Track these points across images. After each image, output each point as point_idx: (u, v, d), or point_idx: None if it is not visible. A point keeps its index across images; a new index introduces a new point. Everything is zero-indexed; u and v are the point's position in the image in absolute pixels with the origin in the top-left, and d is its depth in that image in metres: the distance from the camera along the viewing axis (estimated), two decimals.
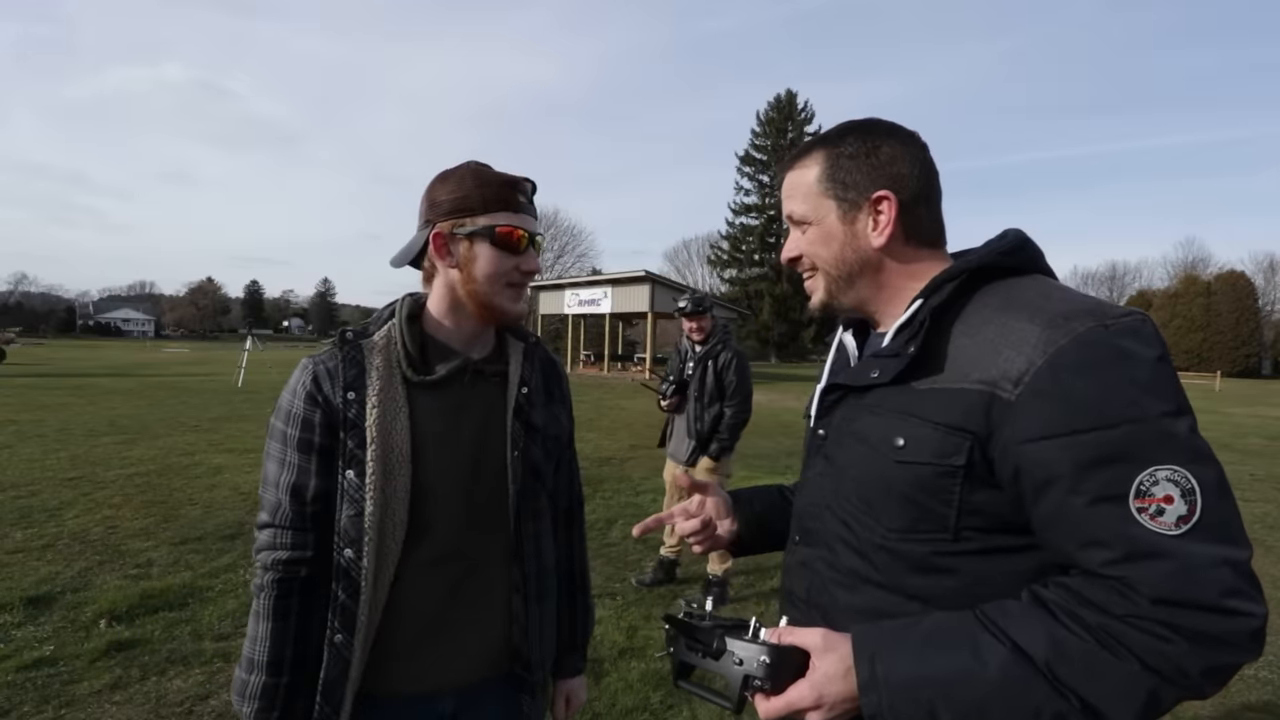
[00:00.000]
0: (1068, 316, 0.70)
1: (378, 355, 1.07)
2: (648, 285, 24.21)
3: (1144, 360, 0.67)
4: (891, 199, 0.84)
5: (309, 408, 1.05)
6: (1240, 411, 17.77)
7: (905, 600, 0.79)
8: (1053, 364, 0.68)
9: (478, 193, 1.05)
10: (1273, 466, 8.83)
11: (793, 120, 51.19)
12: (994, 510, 0.74)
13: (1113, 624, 0.64)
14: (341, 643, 1.03)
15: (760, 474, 7.32)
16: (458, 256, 1.07)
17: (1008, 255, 0.81)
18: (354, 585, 1.03)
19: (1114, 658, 0.63)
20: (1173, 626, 0.62)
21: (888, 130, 0.87)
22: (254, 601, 1.05)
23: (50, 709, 2.53)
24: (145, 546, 4.31)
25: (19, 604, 3.36)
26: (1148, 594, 0.63)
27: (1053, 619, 0.67)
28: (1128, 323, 0.69)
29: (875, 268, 0.87)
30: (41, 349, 38.57)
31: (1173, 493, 0.64)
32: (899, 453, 0.78)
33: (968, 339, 0.76)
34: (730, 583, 3.98)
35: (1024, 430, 0.69)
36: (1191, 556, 0.62)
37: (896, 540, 0.79)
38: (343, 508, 1.03)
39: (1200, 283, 48.80)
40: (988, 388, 0.71)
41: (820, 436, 0.92)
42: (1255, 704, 2.87)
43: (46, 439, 7.97)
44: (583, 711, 2.64)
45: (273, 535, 1.05)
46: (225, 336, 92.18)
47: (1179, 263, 62.66)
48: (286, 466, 1.05)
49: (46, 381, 16.03)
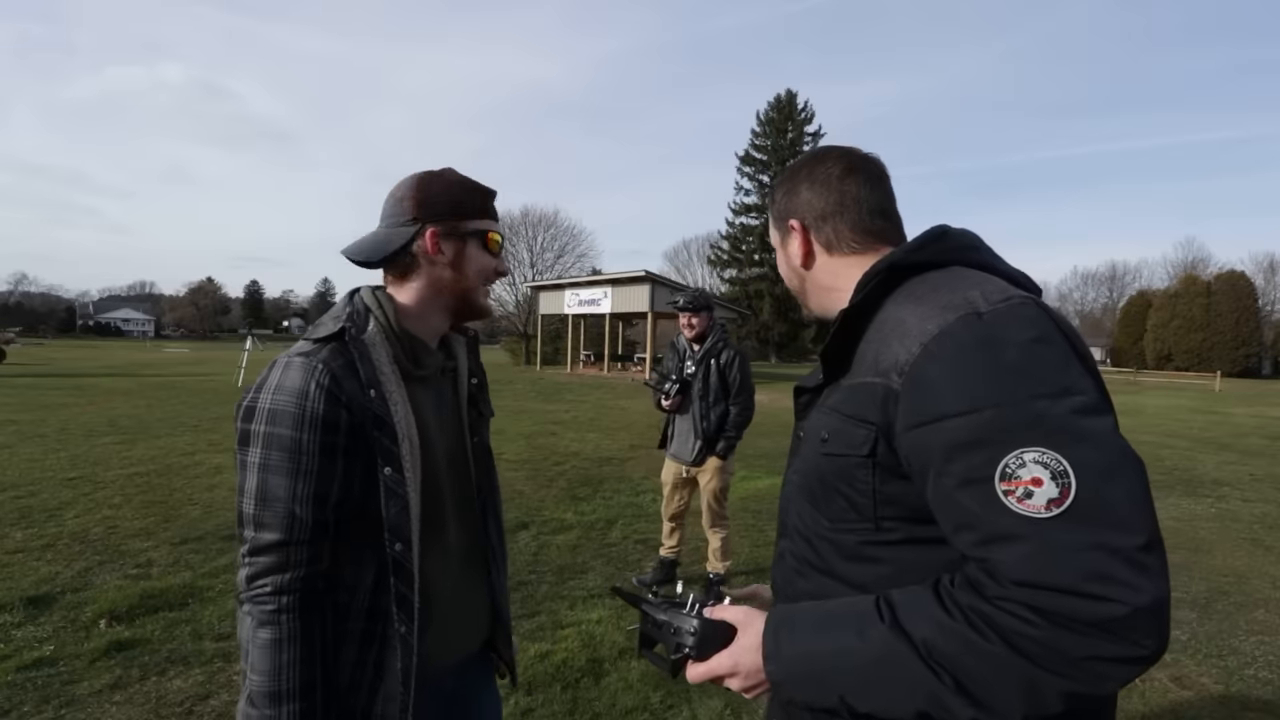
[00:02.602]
0: (944, 307, 0.73)
1: (379, 350, 1.06)
2: (648, 285, 24.19)
3: (1014, 344, 0.68)
4: (797, 225, 0.97)
5: (331, 409, 0.98)
6: (1240, 411, 17.76)
7: (847, 588, 0.83)
8: (926, 352, 0.71)
9: (469, 198, 1.14)
10: (1273, 466, 8.83)
11: (793, 120, 51.09)
12: (909, 501, 0.76)
13: (982, 605, 0.65)
14: (406, 632, 1.04)
15: (760, 473, 7.33)
16: (450, 255, 1.12)
17: (916, 251, 0.85)
18: (409, 576, 1.05)
19: (982, 639, 0.64)
20: (1035, 609, 0.62)
21: (804, 162, 0.99)
22: (265, 631, 0.96)
23: (50, 709, 2.53)
24: (145, 546, 4.32)
25: (19, 604, 3.37)
26: (1010, 576, 0.63)
27: (936, 600, 0.69)
28: (1003, 308, 0.71)
29: (811, 282, 0.99)
30: (41, 349, 38.59)
31: (1041, 475, 0.63)
32: (825, 445, 0.84)
33: (875, 334, 0.81)
34: (730, 580, 3.98)
35: (906, 418, 0.72)
36: (1054, 539, 0.62)
37: (832, 530, 0.85)
38: (389, 504, 1.02)
39: (1200, 283, 48.70)
40: (883, 380, 0.76)
41: (798, 437, 0.98)
42: (1255, 704, 2.87)
43: (46, 439, 7.97)
44: (583, 711, 2.65)
45: (287, 554, 0.97)
46: (225, 336, 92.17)
47: (1179, 263, 62.80)
48: (303, 475, 0.98)
49: (46, 381, 16.04)
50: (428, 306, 1.14)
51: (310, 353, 1.02)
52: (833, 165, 0.96)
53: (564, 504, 5.76)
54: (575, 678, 2.88)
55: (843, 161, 0.96)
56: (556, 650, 3.11)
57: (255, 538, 0.98)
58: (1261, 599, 4.07)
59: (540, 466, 7.34)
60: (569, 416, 12.44)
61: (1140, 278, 67.68)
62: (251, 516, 0.98)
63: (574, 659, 3.04)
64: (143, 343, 70.28)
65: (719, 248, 53.52)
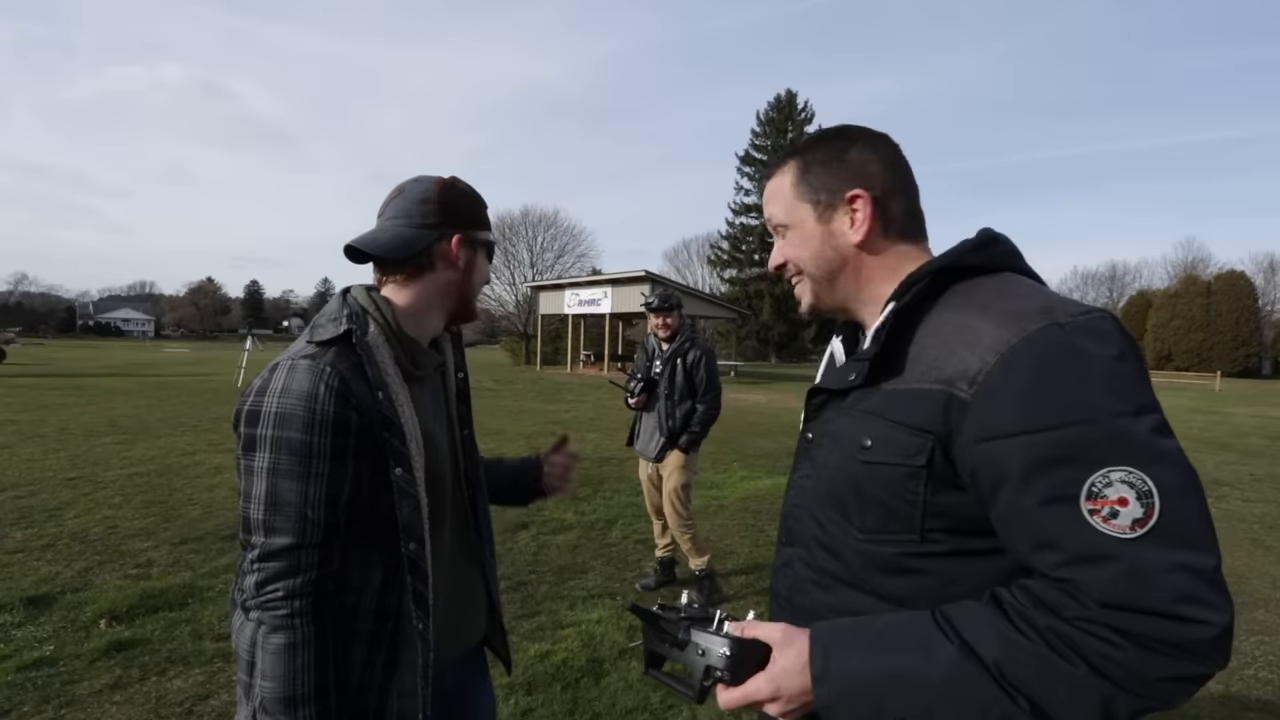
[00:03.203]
0: (1021, 315, 0.70)
1: (383, 351, 1.07)
2: (648, 285, 24.21)
3: (1098, 358, 0.66)
4: (865, 195, 0.86)
5: (341, 411, 0.98)
6: (1240, 411, 17.76)
7: (878, 601, 0.80)
8: (1005, 363, 0.68)
9: (481, 210, 1.20)
10: (1273, 466, 8.83)
11: (793, 120, 51.09)
12: (960, 512, 0.74)
13: (1062, 627, 0.63)
14: (423, 629, 1.05)
15: (760, 473, 7.33)
16: (464, 262, 1.16)
17: (971, 254, 0.81)
18: (424, 573, 1.06)
19: (1063, 661, 0.63)
20: (1121, 631, 0.61)
21: (856, 134, 0.90)
22: (278, 636, 0.95)
23: (50, 709, 2.53)
24: (145, 546, 4.32)
25: (19, 604, 3.36)
26: (1096, 597, 0.62)
27: (1006, 620, 0.66)
28: (1084, 320, 0.68)
29: (855, 264, 0.89)
30: (41, 349, 38.59)
31: (1127, 495, 0.62)
32: (866, 453, 0.79)
33: (930, 339, 0.77)
34: (718, 571, 4.03)
35: (978, 430, 0.69)
36: (1143, 560, 0.61)
37: (866, 541, 0.80)
38: (402, 505, 1.03)
39: (1200, 283, 48.68)
40: (945, 387, 0.72)
41: (807, 440, 0.94)
42: (1255, 704, 2.87)
43: (46, 439, 7.97)
44: (583, 711, 2.65)
45: (297, 558, 0.96)
46: (225, 336, 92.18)
47: (1179, 263, 62.63)
48: (315, 479, 0.97)
49: (46, 381, 16.03)
50: (429, 308, 1.16)
51: (315, 355, 1.01)
52: (891, 143, 0.90)
53: (564, 504, 5.76)
54: (575, 678, 2.88)
55: (893, 142, 0.90)
56: (556, 650, 3.11)
57: (266, 543, 0.96)
58: (1261, 599, 4.07)
59: None
60: (569, 417, 12.44)
61: (1140, 278, 67.59)
62: (261, 522, 0.97)
63: (574, 659, 3.04)
64: (143, 343, 70.30)
65: (719, 248, 53.55)
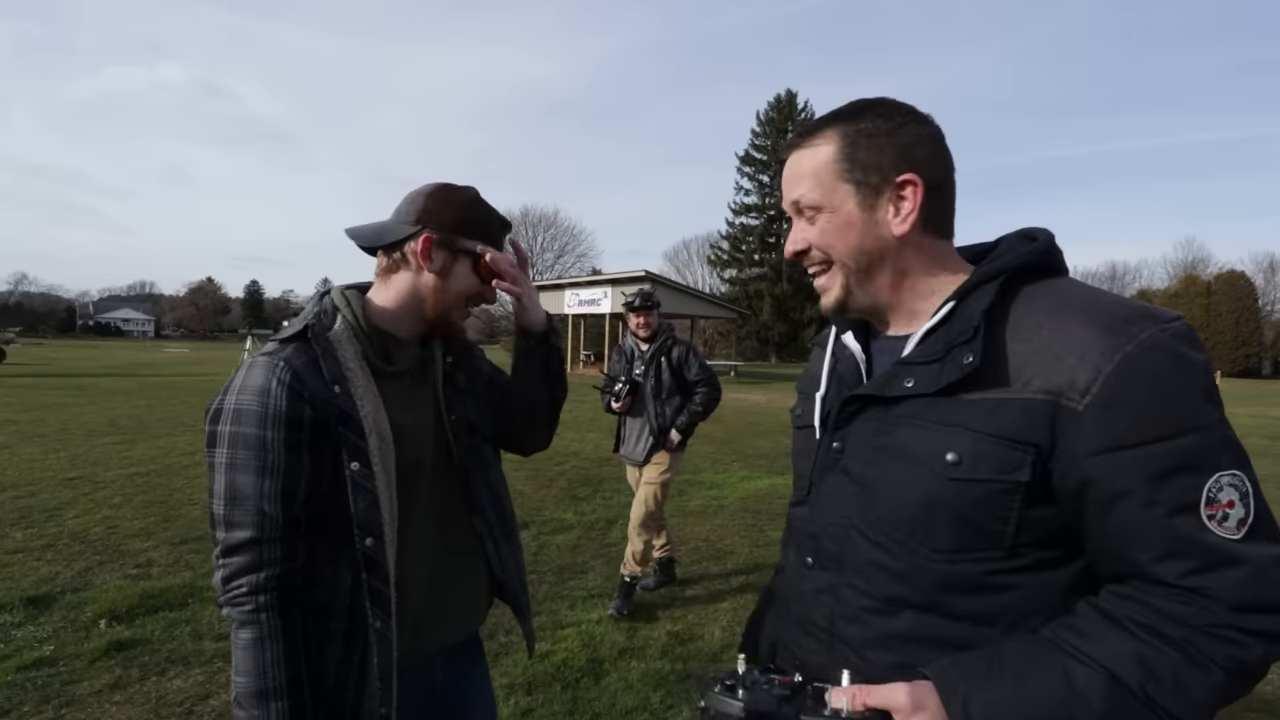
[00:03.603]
0: (1127, 320, 0.69)
1: (346, 347, 1.07)
2: (648, 285, 24.19)
3: (1201, 365, 0.68)
4: (918, 183, 0.78)
5: (294, 405, 0.99)
6: (1241, 411, 17.76)
7: (952, 622, 0.75)
8: (1121, 371, 0.66)
9: (478, 220, 1.16)
10: (1273, 466, 8.82)
11: (793, 120, 51.08)
12: (1048, 525, 0.72)
13: (1196, 636, 0.64)
14: (382, 628, 1.04)
15: (760, 473, 7.32)
16: (438, 264, 1.12)
17: (1046, 255, 0.78)
18: (383, 570, 1.04)
19: (1200, 671, 0.63)
20: (1251, 632, 0.63)
21: (908, 110, 0.81)
22: (246, 631, 0.97)
23: (50, 709, 2.53)
24: (145, 546, 4.31)
25: (19, 604, 3.36)
26: (1228, 602, 0.63)
27: (1133, 637, 0.66)
28: (1179, 327, 0.69)
29: (895, 260, 0.81)
30: (41, 349, 38.58)
31: (1234, 497, 0.65)
32: (952, 469, 0.72)
33: (1021, 344, 0.72)
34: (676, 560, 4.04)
35: (1094, 441, 0.67)
36: (1259, 559, 0.64)
37: (944, 561, 0.74)
38: (356, 499, 1.02)
39: (1200, 283, 48.74)
40: (1051, 397, 0.68)
41: (836, 450, 0.84)
42: (1255, 704, 2.86)
43: (46, 439, 7.97)
44: (583, 711, 2.65)
45: (259, 553, 0.98)
46: (225, 336, 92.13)
47: (1179, 263, 62.59)
48: (271, 473, 0.98)
49: (46, 381, 16.04)
50: (403, 310, 1.14)
51: (273, 352, 1.04)
52: (938, 127, 0.82)
53: (564, 504, 5.76)
54: (575, 678, 2.88)
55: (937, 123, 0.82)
56: (556, 650, 3.11)
57: (227, 538, 0.98)
58: None
59: (540, 466, 7.33)
60: (569, 416, 12.43)
61: (1140, 278, 67.50)
62: (222, 517, 0.99)
63: (574, 659, 3.04)
64: (143, 343, 70.32)
65: (719, 248, 53.63)
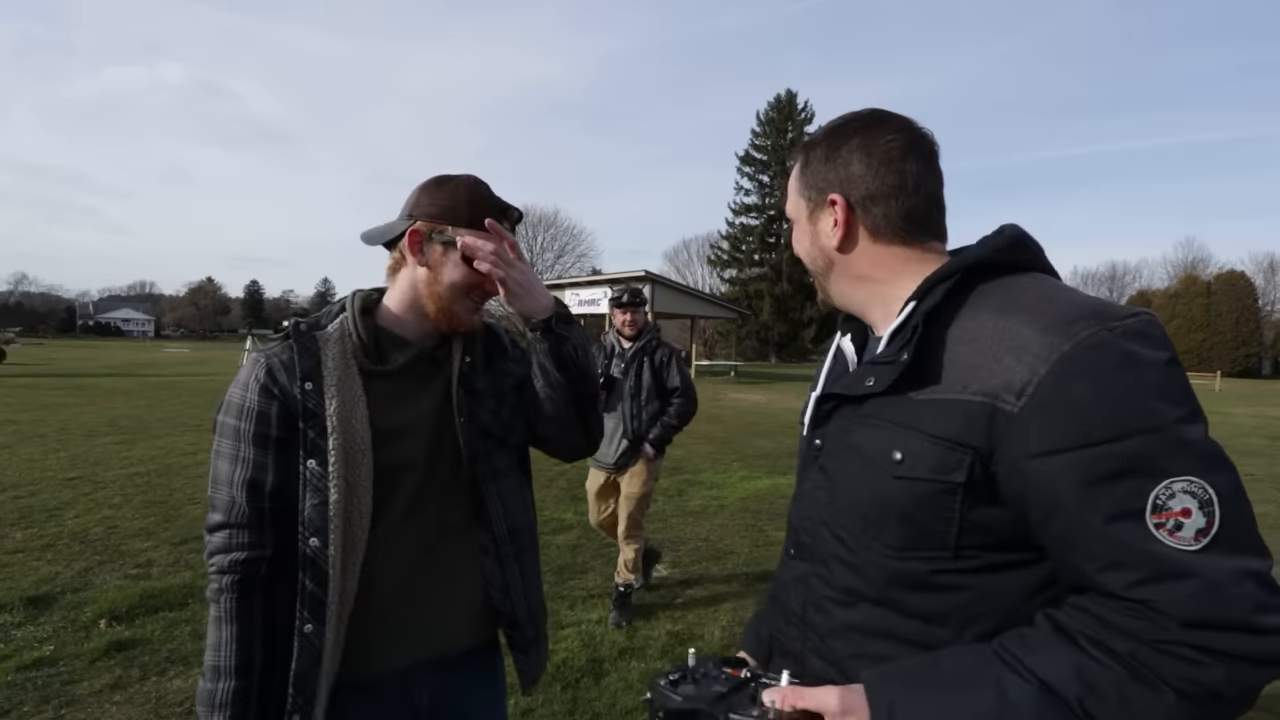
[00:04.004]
0: (1070, 320, 0.66)
1: (332, 346, 1.08)
2: (648, 285, 24.17)
3: (1153, 364, 0.63)
4: (839, 200, 0.83)
5: (264, 400, 1.04)
6: (1240, 411, 17.77)
7: (904, 618, 0.76)
8: (1057, 372, 0.64)
9: (467, 208, 1.10)
10: (1273, 466, 8.83)
11: (793, 120, 51.11)
12: (996, 527, 0.70)
13: (1143, 652, 0.60)
14: (312, 632, 1.02)
15: (760, 473, 7.32)
16: (429, 257, 1.11)
17: (1004, 252, 0.77)
18: (321, 574, 1.02)
19: (1149, 689, 0.59)
20: (1206, 650, 0.58)
21: (858, 127, 0.84)
22: (212, 608, 1.03)
23: (50, 709, 2.53)
24: (145, 546, 4.32)
25: (19, 604, 3.37)
26: (1177, 617, 0.59)
27: (1079, 650, 0.62)
28: (1134, 324, 0.65)
29: (841, 266, 0.87)
30: (41, 349, 38.57)
31: (1190, 505, 0.60)
32: (897, 468, 0.74)
33: (966, 345, 0.72)
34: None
35: (1029, 445, 0.65)
36: (1215, 573, 0.59)
37: (894, 558, 0.76)
38: (306, 497, 1.03)
39: (1200, 283, 48.80)
40: (988, 399, 0.67)
41: (816, 447, 0.88)
42: (1256, 703, 2.86)
43: (46, 439, 7.97)
44: (583, 711, 2.65)
45: (228, 536, 1.03)
46: (225, 336, 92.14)
47: (1179, 263, 62.69)
48: (240, 462, 1.03)
49: (46, 381, 16.03)
50: (409, 305, 1.14)
51: (265, 348, 1.11)
52: (894, 138, 0.82)
53: (564, 504, 5.76)
54: (575, 678, 2.88)
55: (904, 135, 0.83)
56: (556, 650, 3.11)
57: (208, 518, 1.06)
58: None
59: (540, 466, 7.31)
60: None
61: (1140, 278, 67.65)
62: (209, 499, 1.06)
63: (574, 659, 3.04)
64: (143, 343, 70.31)
65: (719, 248, 53.61)
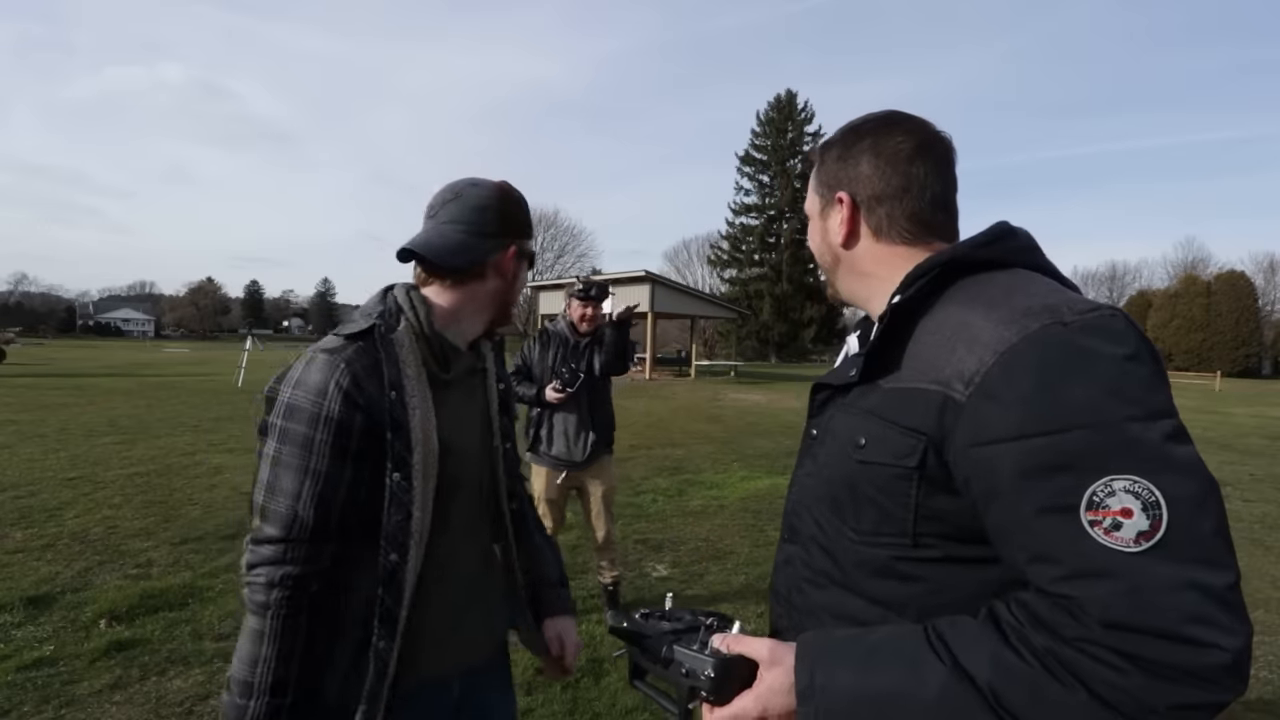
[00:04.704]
0: (1025, 313, 0.66)
1: (407, 352, 1.04)
2: (648, 285, 24.18)
3: (1106, 358, 0.62)
4: (846, 200, 0.87)
5: (347, 410, 0.97)
6: (1240, 411, 17.76)
7: (868, 604, 0.78)
8: (1003, 363, 0.64)
9: (528, 219, 1.19)
10: (1273, 466, 8.82)
11: (793, 120, 51.12)
12: (954, 519, 0.71)
13: (1061, 648, 0.59)
14: (384, 648, 1.00)
15: (760, 473, 7.32)
16: (514, 271, 1.16)
17: (981, 248, 0.77)
18: (399, 590, 1.00)
19: (1061, 686, 0.58)
20: (1126, 655, 0.56)
21: (870, 129, 0.87)
22: (252, 619, 0.97)
23: (50, 709, 2.53)
24: (145, 546, 4.32)
25: (19, 604, 3.36)
26: (1097, 616, 0.57)
27: (1001, 639, 0.62)
28: (1092, 318, 0.64)
29: (846, 262, 0.90)
30: (41, 349, 38.55)
31: (1132, 505, 0.58)
32: (860, 452, 0.77)
33: (930, 336, 0.74)
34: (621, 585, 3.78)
35: (973, 433, 0.65)
36: (1147, 577, 0.56)
37: (860, 543, 0.78)
38: (390, 512, 0.99)
39: (1200, 283, 48.74)
40: (941, 388, 0.69)
41: (812, 436, 0.92)
42: (1255, 704, 2.87)
43: (46, 439, 7.96)
44: (583, 711, 2.65)
45: (283, 550, 0.96)
46: (225, 336, 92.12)
47: (1179, 263, 62.65)
48: (312, 475, 0.96)
49: (46, 381, 16.02)
50: (472, 313, 1.14)
51: (337, 349, 1.00)
52: (903, 141, 0.85)
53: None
54: (575, 678, 2.88)
55: (915, 138, 0.85)
56: None
57: (259, 529, 0.98)
58: (1262, 599, 4.07)
59: None
60: None
61: (1140, 278, 67.65)
62: (259, 507, 0.99)
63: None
64: (143, 343, 70.27)
65: (719, 248, 53.60)
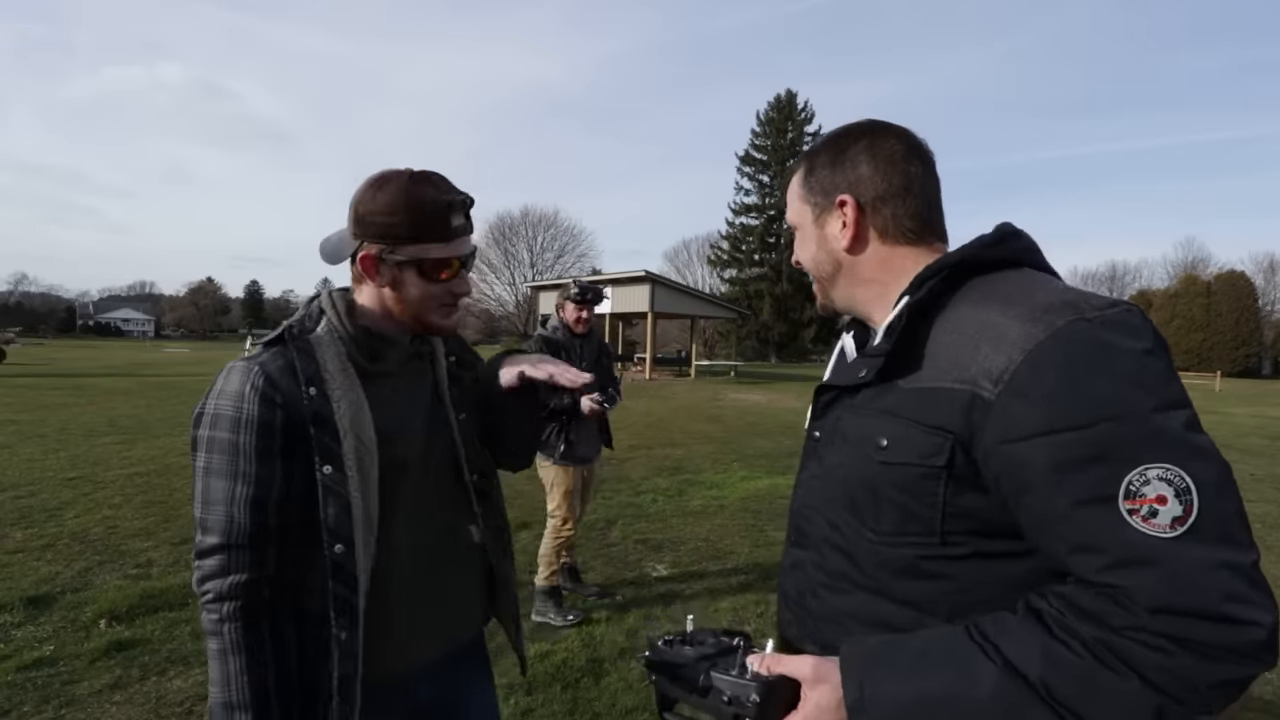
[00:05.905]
0: (1047, 310, 0.68)
1: (327, 349, 1.06)
2: (648, 285, 24.17)
3: (1128, 352, 0.64)
4: (850, 202, 0.86)
5: (266, 409, 0.99)
6: (1240, 411, 17.77)
7: (896, 606, 0.77)
8: (1031, 360, 0.66)
9: (408, 219, 1.03)
10: (1273, 466, 8.83)
11: (792, 120, 51.14)
12: (982, 515, 0.72)
13: (1111, 638, 0.60)
14: (346, 639, 1.01)
15: (760, 473, 7.32)
16: (386, 279, 1.07)
17: (991, 248, 0.79)
18: (351, 579, 1.01)
19: (1114, 674, 0.60)
20: (1174, 639, 0.58)
21: (861, 133, 0.88)
22: (212, 641, 0.96)
23: (50, 709, 2.53)
24: (145, 546, 4.32)
25: (19, 604, 3.36)
26: (1145, 603, 0.59)
27: (1048, 633, 0.63)
28: (1112, 314, 0.66)
29: (849, 268, 0.89)
30: (41, 349, 38.55)
31: (1165, 493, 0.60)
32: (882, 453, 0.77)
33: (948, 336, 0.74)
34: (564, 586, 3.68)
35: (1004, 430, 0.67)
36: (1187, 560, 0.59)
37: (883, 544, 0.78)
38: (327, 504, 1.00)
39: (1200, 283, 48.76)
40: (968, 386, 0.70)
41: (815, 438, 0.92)
42: (1255, 704, 2.87)
43: (46, 439, 7.96)
44: (583, 711, 2.65)
45: (226, 558, 0.97)
46: (225, 336, 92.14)
47: (1179, 263, 62.64)
48: (242, 478, 0.98)
49: (46, 381, 16.03)
50: (383, 314, 1.12)
51: (253, 357, 1.04)
52: (895, 143, 0.87)
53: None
54: (575, 678, 2.88)
55: (905, 141, 0.87)
56: (556, 650, 3.11)
57: (200, 541, 0.99)
58: None
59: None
60: None
61: (1140, 278, 67.56)
62: (198, 520, 1.00)
63: (574, 659, 3.04)
64: (143, 343, 70.29)
65: (719, 248, 53.64)
